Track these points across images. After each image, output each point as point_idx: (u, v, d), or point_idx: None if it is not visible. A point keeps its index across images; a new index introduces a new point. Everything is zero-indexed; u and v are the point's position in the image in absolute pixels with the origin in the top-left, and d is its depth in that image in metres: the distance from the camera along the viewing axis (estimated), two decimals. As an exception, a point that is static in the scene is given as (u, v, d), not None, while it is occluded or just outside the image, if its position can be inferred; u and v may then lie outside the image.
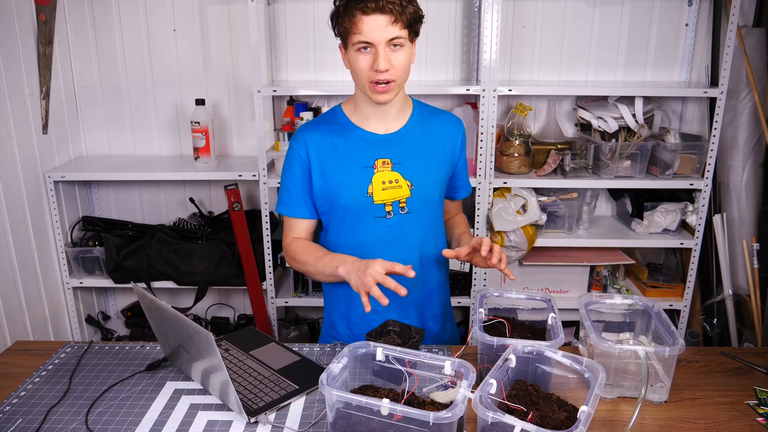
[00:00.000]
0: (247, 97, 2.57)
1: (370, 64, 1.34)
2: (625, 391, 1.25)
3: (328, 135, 1.49)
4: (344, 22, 1.33)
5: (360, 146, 1.48)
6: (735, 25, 2.16)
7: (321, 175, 1.49)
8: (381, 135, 1.49)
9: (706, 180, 2.32)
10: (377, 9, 1.29)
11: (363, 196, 1.46)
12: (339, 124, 1.51)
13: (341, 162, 1.47)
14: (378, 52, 1.33)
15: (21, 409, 1.23)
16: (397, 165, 1.47)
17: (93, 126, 2.62)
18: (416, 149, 1.50)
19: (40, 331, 2.31)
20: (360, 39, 1.32)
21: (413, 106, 1.54)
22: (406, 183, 1.47)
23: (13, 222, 2.14)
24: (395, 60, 1.35)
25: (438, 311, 1.63)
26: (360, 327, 1.55)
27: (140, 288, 1.30)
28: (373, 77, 1.36)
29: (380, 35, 1.31)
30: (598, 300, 1.40)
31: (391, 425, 1.01)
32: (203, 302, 2.58)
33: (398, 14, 1.30)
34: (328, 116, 1.54)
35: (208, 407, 1.24)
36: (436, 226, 1.57)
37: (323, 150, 1.48)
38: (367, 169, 1.47)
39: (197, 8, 2.48)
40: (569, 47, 2.51)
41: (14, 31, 2.14)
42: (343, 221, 1.50)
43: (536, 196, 2.39)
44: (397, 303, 1.50)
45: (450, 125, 1.56)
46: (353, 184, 1.46)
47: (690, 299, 2.47)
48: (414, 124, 1.51)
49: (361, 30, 1.31)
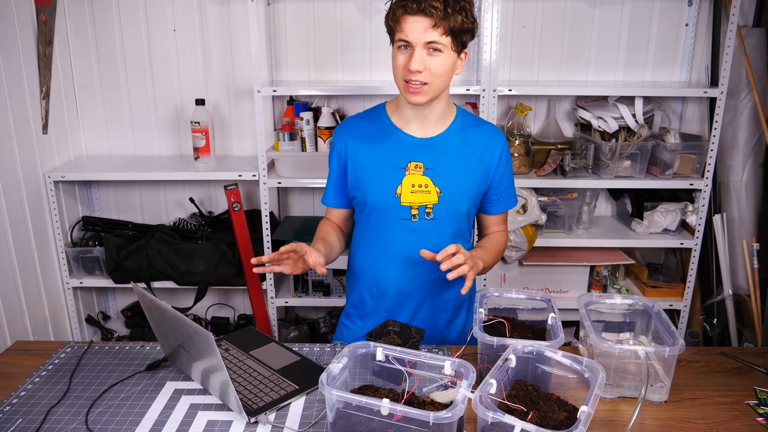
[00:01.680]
0: (247, 97, 2.57)
1: (406, 62, 1.36)
2: (625, 391, 1.25)
3: (366, 132, 1.53)
4: (390, 19, 1.37)
5: (395, 147, 1.50)
6: (735, 25, 2.16)
7: (355, 170, 1.52)
8: (418, 138, 1.50)
9: (706, 180, 2.32)
10: (419, 10, 1.31)
11: (391, 196, 1.48)
12: (380, 122, 1.53)
13: (375, 160, 1.50)
14: (414, 52, 1.34)
15: (21, 409, 1.22)
16: (428, 170, 1.48)
17: (93, 126, 2.62)
18: (450, 157, 1.50)
19: (40, 331, 2.31)
20: (401, 37, 1.35)
21: (456, 113, 1.54)
22: (435, 189, 1.48)
23: (13, 222, 2.14)
24: (431, 64, 1.35)
25: (461, 321, 1.64)
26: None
27: (140, 288, 1.30)
28: (406, 75, 1.37)
29: (419, 36, 1.33)
30: (598, 300, 1.40)
31: (391, 425, 1.01)
32: (203, 302, 2.58)
33: (440, 19, 1.31)
34: (371, 113, 1.57)
35: (208, 407, 1.24)
36: (462, 237, 1.56)
37: (360, 147, 1.52)
38: (399, 170, 1.48)
39: (197, 8, 2.48)
40: (569, 47, 2.51)
41: (14, 31, 2.14)
42: (370, 217, 1.53)
43: (536, 196, 2.39)
44: (415, 310, 1.56)
45: (490, 138, 1.53)
46: (383, 183, 1.49)
47: (690, 299, 2.47)
48: (453, 132, 1.51)
49: (403, 29, 1.34)
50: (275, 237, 2.42)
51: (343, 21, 2.48)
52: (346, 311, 1.68)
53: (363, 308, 1.61)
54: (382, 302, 1.57)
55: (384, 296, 1.56)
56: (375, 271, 1.56)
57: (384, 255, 1.53)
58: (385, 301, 1.56)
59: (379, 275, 1.55)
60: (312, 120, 2.38)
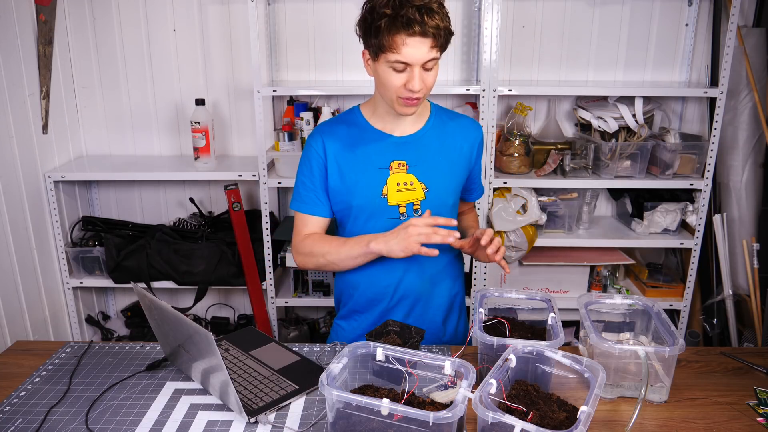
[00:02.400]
0: (247, 97, 2.57)
1: (404, 82, 1.34)
2: (625, 391, 1.25)
3: (345, 135, 1.51)
4: (383, 38, 1.30)
5: (376, 147, 1.49)
6: (735, 25, 2.16)
7: (337, 174, 1.50)
8: (397, 137, 1.50)
9: (706, 180, 2.32)
10: (422, 33, 1.28)
11: (377, 197, 1.48)
12: (357, 124, 1.52)
13: (357, 162, 1.49)
14: (414, 73, 1.33)
15: (21, 409, 1.23)
16: (412, 167, 1.48)
17: (93, 126, 2.63)
18: (432, 152, 1.50)
19: (40, 331, 2.31)
20: (398, 59, 1.31)
21: (431, 109, 1.55)
22: (421, 185, 1.48)
23: (13, 222, 2.14)
24: (427, 79, 1.36)
25: (455, 314, 1.64)
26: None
27: (140, 288, 1.30)
28: (403, 94, 1.36)
29: (420, 58, 1.31)
30: (598, 300, 1.40)
31: (391, 425, 1.01)
32: (203, 302, 2.58)
33: (437, 37, 1.30)
34: (346, 116, 1.55)
35: (208, 407, 1.24)
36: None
37: (340, 149, 1.50)
38: (383, 171, 1.48)
39: (197, 8, 2.48)
40: (569, 47, 2.51)
41: (14, 31, 2.14)
42: (357, 220, 1.52)
43: (536, 196, 2.39)
44: (412, 305, 1.55)
45: (468, 130, 1.56)
46: (368, 184, 1.48)
47: (690, 299, 2.47)
48: (431, 128, 1.52)
49: (401, 51, 1.30)
50: (275, 237, 2.42)
51: (343, 21, 2.48)
52: (341, 315, 1.65)
53: (356, 309, 1.60)
54: (375, 302, 1.56)
55: (377, 296, 1.55)
56: (367, 273, 1.54)
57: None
58: (378, 301, 1.55)
59: (371, 277, 1.54)
60: (312, 120, 2.38)
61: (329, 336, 1.70)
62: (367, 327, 1.57)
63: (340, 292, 1.64)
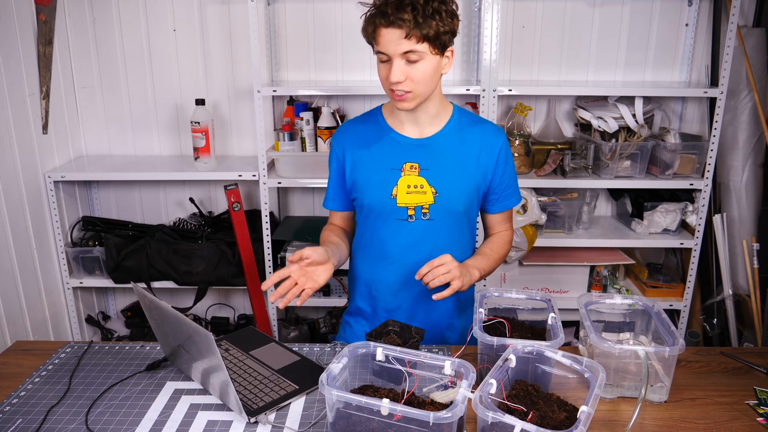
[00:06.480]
0: (247, 97, 2.57)
1: (387, 73, 1.37)
2: (625, 391, 1.25)
3: (363, 135, 1.54)
4: (366, 29, 1.37)
5: (391, 148, 1.50)
6: (735, 25, 2.16)
7: (352, 172, 1.54)
8: (412, 139, 1.50)
9: (706, 180, 2.32)
10: (390, 23, 1.31)
11: (387, 197, 1.49)
12: (376, 124, 1.54)
13: (371, 162, 1.51)
14: (393, 64, 1.34)
15: (21, 409, 1.22)
16: (424, 171, 1.48)
17: (93, 126, 2.62)
18: (446, 157, 1.49)
19: (40, 331, 2.31)
20: (378, 49, 1.36)
21: (453, 112, 1.53)
22: (431, 189, 1.48)
23: (13, 222, 2.14)
24: (412, 72, 1.35)
25: (461, 323, 1.64)
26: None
27: (140, 288, 1.30)
28: (389, 86, 1.38)
29: (394, 48, 1.33)
30: (598, 300, 1.40)
31: (391, 425, 1.01)
32: (203, 302, 2.58)
33: (411, 29, 1.30)
34: (367, 116, 1.58)
35: (208, 407, 1.24)
36: (461, 237, 1.55)
37: (357, 149, 1.53)
38: (395, 171, 1.49)
39: (197, 8, 2.48)
40: (569, 47, 2.51)
41: (14, 31, 2.14)
42: (368, 219, 1.54)
43: (536, 196, 2.39)
44: (415, 308, 1.56)
45: (487, 136, 1.51)
46: (379, 184, 1.49)
47: (690, 299, 2.47)
48: (449, 132, 1.51)
49: (378, 41, 1.34)
50: (275, 237, 2.42)
51: (343, 21, 2.48)
52: (349, 310, 1.69)
53: (364, 308, 1.62)
54: (382, 302, 1.57)
55: (383, 296, 1.56)
56: (374, 272, 1.57)
57: (382, 256, 1.54)
58: (384, 302, 1.57)
59: (378, 275, 1.56)
60: (312, 120, 2.38)
61: (339, 330, 1.73)
62: (371, 327, 1.58)
63: (349, 285, 1.70)
